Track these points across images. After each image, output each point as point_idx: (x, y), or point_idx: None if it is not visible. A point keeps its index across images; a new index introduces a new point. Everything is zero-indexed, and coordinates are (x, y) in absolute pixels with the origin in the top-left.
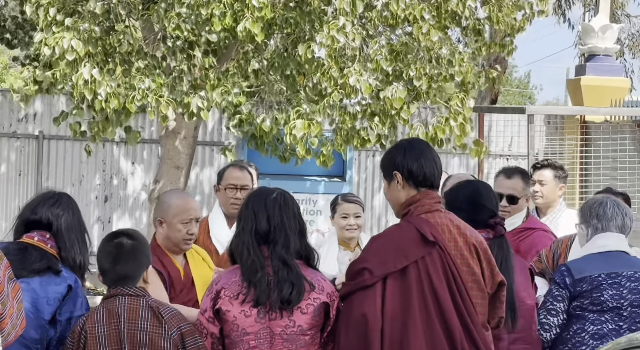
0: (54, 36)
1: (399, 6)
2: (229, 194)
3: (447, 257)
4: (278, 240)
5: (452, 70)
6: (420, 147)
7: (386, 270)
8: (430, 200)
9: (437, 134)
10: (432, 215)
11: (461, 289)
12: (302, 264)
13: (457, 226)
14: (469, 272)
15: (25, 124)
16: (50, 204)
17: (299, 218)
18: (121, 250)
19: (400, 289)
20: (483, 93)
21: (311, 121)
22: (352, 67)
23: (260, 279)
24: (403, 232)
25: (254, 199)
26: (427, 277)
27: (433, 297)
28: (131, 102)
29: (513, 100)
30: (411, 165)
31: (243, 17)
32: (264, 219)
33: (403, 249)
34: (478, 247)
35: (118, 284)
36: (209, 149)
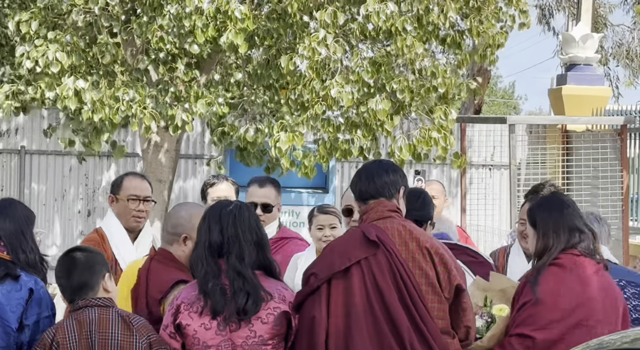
0: (37, 49)
1: (379, 18)
2: (131, 205)
3: (395, 259)
4: (232, 251)
5: (435, 82)
6: (368, 167)
7: (330, 271)
8: (383, 208)
9: (420, 145)
10: (382, 221)
11: (412, 291)
12: (261, 275)
13: (410, 231)
14: (422, 274)
15: (7, 138)
16: None
17: (257, 230)
18: (74, 262)
19: (344, 289)
20: (467, 103)
21: (295, 133)
22: (334, 79)
23: (212, 289)
24: (348, 236)
25: (210, 212)
26: (371, 277)
27: (378, 297)
28: (115, 113)
29: (498, 111)
30: (354, 186)
31: (226, 29)
32: (216, 231)
33: (346, 251)
34: (431, 251)
35: (78, 294)
36: (192, 161)
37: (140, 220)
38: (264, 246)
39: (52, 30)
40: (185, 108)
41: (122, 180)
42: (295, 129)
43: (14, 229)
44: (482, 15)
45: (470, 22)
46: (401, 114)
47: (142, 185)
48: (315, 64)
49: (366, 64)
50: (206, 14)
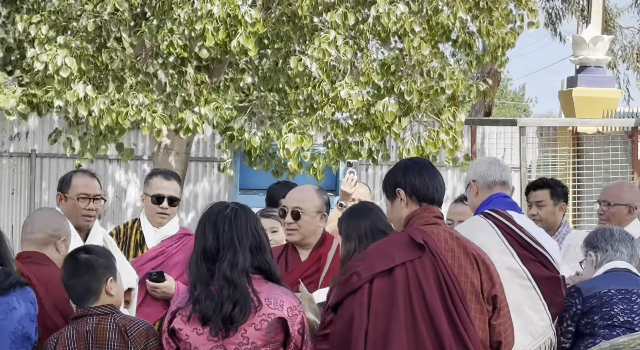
0: (47, 53)
1: (389, 19)
2: (81, 204)
3: (440, 264)
4: (225, 257)
5: (443, 83)
6: (422, 164)
7: (373, 271)
8: (430, 214)
9: (429, 147)
10: (429, 227)
11: (455, 297)
12: (260, 279)
13: (457, 238)
14: (467, 282)
15: (17, 142)
16: None
17: (254, 232)
18: (77, 265)
19: (387, 289)
20: (477, 106)
21: (303, 135)
22: (344, 81)
23: (199, 296)
24: (394, 238)
25: (205, 216)
26: (415, 280)
27: (421, 301)
28: (124, 118)
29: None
30: (414, 181)
31: (236, 32)
32: (211, 237)
33: (391, 252)
34: (478, 259)
35: (81, 299)
36: (202, 164)
37: (90, 219)
38: (263, 249)
39: (61, 34)
40: (194, 111)
41: (71, 178)
42: (304, 131)
43: None
44: (492, 16)
45: (479, 22)
46: (410, 116)
47: (92, 183)
48: (325, 65)
49: (376, 66)
50: (216, 18)
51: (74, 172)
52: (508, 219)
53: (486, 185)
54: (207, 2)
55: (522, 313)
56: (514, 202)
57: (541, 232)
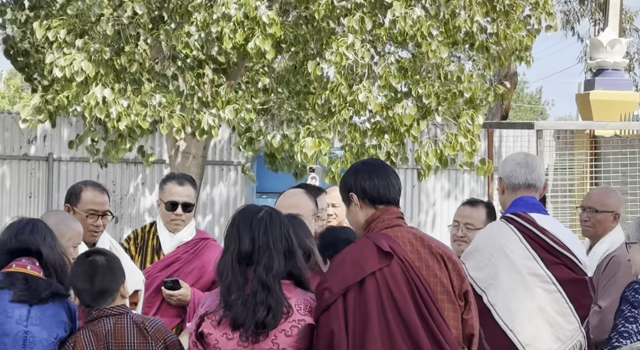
0: (65, 57)
1: (406, 23)
2: (89, 220)
3: (410, 269)
4: (261, 261)
5: (461, 86)
6: (373, 165)
7: (344, 285)
8: (390, 216)
9: (447, 150)
10: (392, 230)
11: (427, 301)
12: (290, 285)
13: (421, 238)
14: (437, 282)
15: (35, 145)
16: (29, 230)
17: (288, 237)
18: (96, 267)
19: (359, 302)
20: (493, 109)
21: (321, 139)
22: (361, 84)
23: (234, 301)
24: (359, 247)
25: (240, 218)
26: (386, 289)
27: (394, 310)
28: (143, 119)
29: (525, 116)
30: (363, 184)
31: (253, 34)
32: (247, 240)
33: (359, 262)
34: (445, 256)
35: (97, 300)
36: (219, 168)
37: (97, 234)
38: (295, 254)
39: (80, 38)
40: (212, 113)
41: (81, 192)
42: (321, 135)
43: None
44: (509, 19)
45: (497, 25)
46: (427, 119)
47: (101, 199)
48: (343, 69)
49: (393, 69)
50: (234, 20)
51: (84, 185)
52: (530, 222)
53: (511, 187)
54: (223, 5)
55: (549, 318)
56: (538, 203)
57: (567, 233)
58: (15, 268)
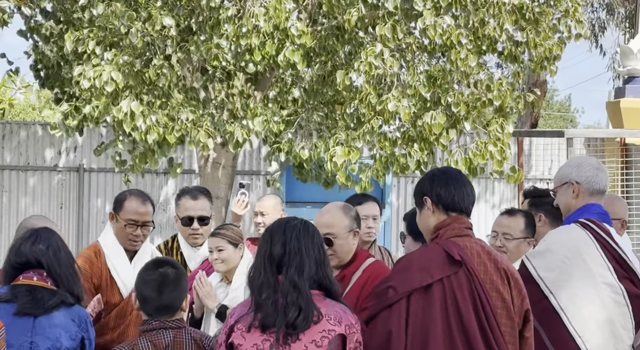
0: (94, 69)
1: (436, 32)
2: (128, 229)
3: (475, 279)
4: (292, 263)
5: (490, 95)
6: (450, 173)
7: (410, 287)
8: (461, 225)
9: (476, 159)
10: (461, 239)
11: (488, 313)
12: (320, 295)
13: (488, 252)
14: (498, 297)
15: (66, 156)
16: (32, 242)
17: (320, 247)
18: (167, 280)
19: (424, 306)
20: (523, 117)
21: (351, 148)
22: (391, 93)
23: (265, 301)
24: (429, 252)
25: (275, 225)
26: (452, 296)
27: (457, 317)
28: (170, 133)
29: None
30: (439, 190)
31: (283, 46)
32: (279, 243)
33: (428, 267)
34: (509, 273)
35: (160, 313)
36: (248, 177)
37: (137, 244)
38: (326, 265)
39: (109, 50)
40: (242, 125)
41: (124, 200)
42: (351, 144)
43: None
44: (539, 27)
45: (527, 34)
46: (457, 128)
47: (143, 209)
48: (372, 78)
49: (423, 78)
50: (263, 32)
51: (129, 194)
52: (606, 232)
53: (589, 192)
54: (253, 17)
55: (614, 330)
56: (607, 213)
57: (630, 248)
58: (22, 281)
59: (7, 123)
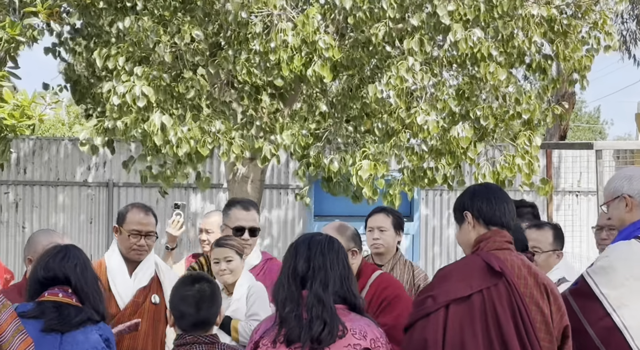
0: (124, 84)
1: (467, 45)
2: (132, 240)
3: (515, 292)
4: (316, 278)
5: (519, 108)
6: (491, 188)
7: (449, 297)
8: (501, 238)
9: (504, 172)
10: (501, 252)
11: (527, 326)
12: (344, 309)
13: (528, 266)
14: (538, 311)
15: (95, 171)
16: (60, 258)
17: (344, 262)
18: (204, 296)
19: (463, 316)
20: (552, 129)
21: (377, 162)
22: (419, 107)
23: (288, 314)
24: (469, 263)
25: (299, 240)
26: (491, 308)
27: (496, 329)
28: (202, 145)
29: (583, 136)
30: (480, 205)
31: (311, 60)
32: (302, 259)
33: (468, 278)
34: (549, 289)
35: (197, 328)
36: (276, 191)
37: (141, 254)
38: (351, 280)
39: (138, 65)
40: (271, 140)
41: (127, 213)
42: (377, 158)
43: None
44: (568, 39)
45: (556, 46)
46: (485, 141)
47: (145, 220)
48: (401, 92)
49: (452, 92)
50: (291, 46)
51: (131, 207)
52: None
53: None
54: (280, 32)
55: None
56: None
57: None
58: (47, 297)
59: (37, 139)
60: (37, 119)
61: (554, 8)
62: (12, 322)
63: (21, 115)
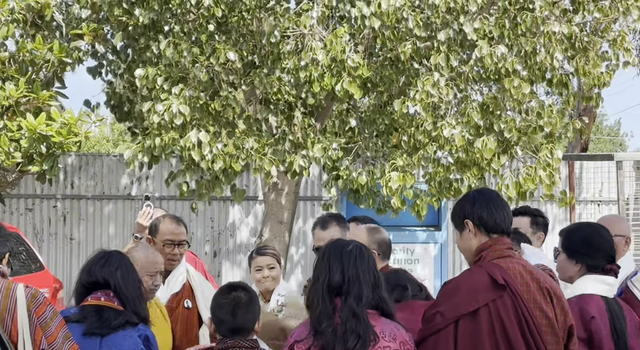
0: (163, 103)
1: (492, 60)
2: (166, 249)
3: (519, 301)
4: (351, 291)
5: (541, 121)
6: (489, 195)
7: (458, 313)
8: (502, 246)
9: (527, 184)
10: (503, 261)
11: (534, 334)
12: (375, 315)
13: (530, 272)
14: (542, 316)
15: (138, 185)
16: (102, 264)
17: (374, 270)
18: (240, 303)
19: (472, 331)
20: (574, 142)
21: (405, 173)
22: (445, 120)
23: (325, 329)
24: (474, 276)
25: (330, 251)
26: (498, 320)
27: (505, 340)
28: (236, 161)
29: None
30: (481, 213)
31: (340, 77)
32: (338, 271)
33: (474, 292)
34: (552, 292)
35: (234, 334)
36: (310, 203)
37: (174, 263)
38: (380, 286)
39: (176, 85)
40: (303, 154)
41: (159, 224)
42: (405, 169)
43: (128, 282)
44: (588, 56)
45: (576, 62)
46: (508, 153)
47: (177, 230)
48: (427, 106)
49: (476, 106)
50: (322, 64)
51: (163, 218)
52: None
53: None
54: (311, 51)
55: None
56: None
57: None
58: (90, 301)
59: (83, 155)
60: (84, 136)
61: (575, 25)
62: (61, 329)
63: (68, 132)
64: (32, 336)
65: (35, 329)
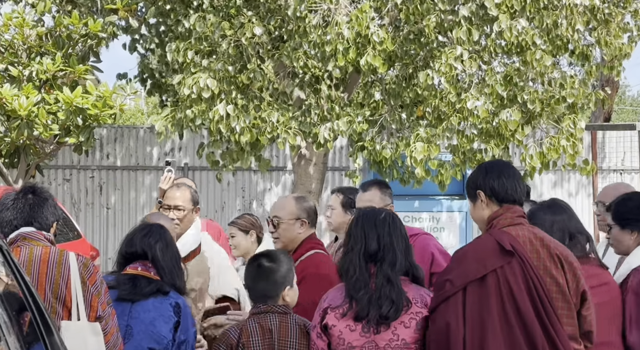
0: (193, 76)
1: (512, 34)
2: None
3: (528, 267)
4: (386, 258)
5: (563, 92)
6: (501, 166)
7: (466, 279)
8: (513, 214)
9: (550, 153)
10: (513, 228)
11: (543, 299)
12: (407, 281)
13: (541, 238)
14: (552, 282)
15: (171, 156)
16: (143, 235)
17: (405, 238)
18: (259, 271)
19: (480, 297)
20: (597, 112)
21: (430, 143)
22: (469, 92)
23: (362, 296)
24: (482, 244)
25: (363, 219)
26: (506, 286)
27: (513, 305)
28: (262, 134)
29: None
30: (492, 183)
31: (365, 51)
32: (374, 240)
33: (482, 259)
34: (562, 258)
35: (258, 300)
36: (338, 173)
37: (175, 227)
38: (410, 253)
39: (206, 58)
40: (328, 127)
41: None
42: (430, 140)
43: (166, 255)
44: (609, 27)
45: (597, 34)
46: (531, 124)
47: (171, 194)
48: (451, 79)
49: (499, 78)
50: (347, 38)
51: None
52: None
53: None
54: (336, 25)
55: None
56: None
57: None
58: (128, 270)
59: (118, 127)
60: (118, 108)
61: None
62: (107, 296)
63: (103, 105)
64: (88, 303)
65: (92, 297)
